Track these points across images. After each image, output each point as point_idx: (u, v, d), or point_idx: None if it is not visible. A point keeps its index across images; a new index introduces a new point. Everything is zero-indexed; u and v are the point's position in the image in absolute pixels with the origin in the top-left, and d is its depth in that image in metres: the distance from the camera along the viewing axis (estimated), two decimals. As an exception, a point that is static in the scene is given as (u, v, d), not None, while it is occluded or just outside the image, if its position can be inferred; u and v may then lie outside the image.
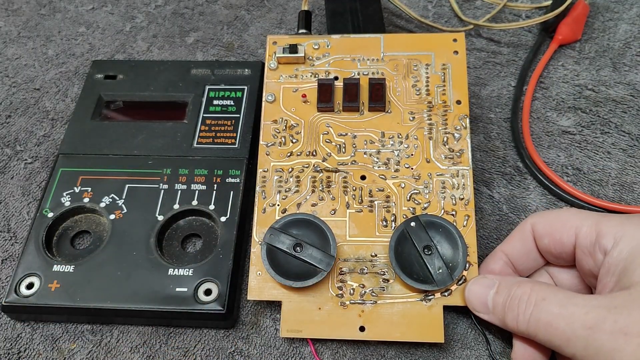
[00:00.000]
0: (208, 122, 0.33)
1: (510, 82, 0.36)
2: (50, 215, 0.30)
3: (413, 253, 0.26)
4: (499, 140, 0.34)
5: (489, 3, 0.40)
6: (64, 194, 0.31)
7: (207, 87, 0.35)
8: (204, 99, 0.34)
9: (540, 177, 0.32)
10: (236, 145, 0.32)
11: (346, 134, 0.29)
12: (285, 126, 0.30)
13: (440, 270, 0.25)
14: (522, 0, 0.40)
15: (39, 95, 0.37)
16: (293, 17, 0.40)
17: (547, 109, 0.35)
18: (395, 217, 0.27)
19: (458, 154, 0.28)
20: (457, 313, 0.27)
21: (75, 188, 0.31)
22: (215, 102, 0.34)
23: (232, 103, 0.34)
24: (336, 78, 0.31)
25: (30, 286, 0.28)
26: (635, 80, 0.35)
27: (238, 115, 0.34)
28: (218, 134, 0.33)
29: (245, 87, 0.35)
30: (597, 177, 0.32)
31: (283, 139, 0.30)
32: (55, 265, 0.29)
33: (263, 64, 0.36)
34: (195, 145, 0.33)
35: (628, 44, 0.37)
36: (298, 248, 0.26)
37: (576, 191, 0.31)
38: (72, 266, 0.29)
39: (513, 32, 0.39)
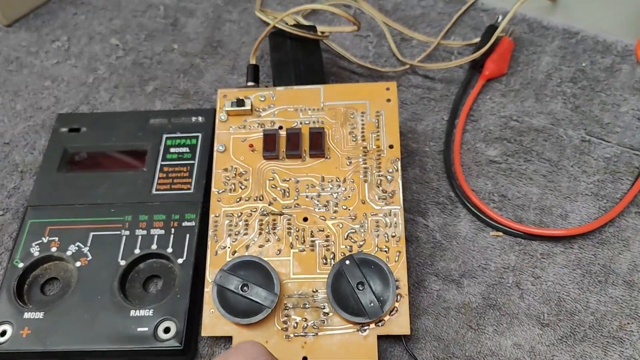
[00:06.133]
0: (165, 169, 0.36)
1: (444, 117, 0.40)
2: (21, 265, 0.33)
3: (348, 289, 0.29)
4: (433, 172, 0.37)
5: (424, 42, 0.43)
6: (33, 244, 0.34)
7: (165, 136, 0.38)
8: (162, 147, 0.37)
9: (469, 205, 0.35)
10: (191, 190, 0.35)
11: (290, 179, 0.32)
12: (235, 174, 0.33)
13: (372, 304, 0.28)
14: (455, 38, 0.44)
15: (8, 150, 0.40)
16: (245, 62, 0.43)
17: (476, 141, 0.38)
18: (334, 254, 0.30)
19: (390, 194, 0.31)
20: (393, 340, 0.30)
21: (44, 238, 0.34)
22: (172, 149, 0.37)
23: (187, 150, 0.37)
24: (280, 127, 0.34)
25: (3, 334, 0.31)
26: (556, 109, 0.39)
27: (193, 162, 0.36)
28: (175, 180, 0.36)
29: (200, 134, 0.38)
30: (520, 202, 0.35)
31: (233, 185, 0.33)
32: (26, 313, 0.31)
33: (215, 111, 0.39)
34: (154, 192, 0.35)
35: (549, 75, 0.41)
36: (245, 288, 0.29)
37: (501, 217, 0.34)
38: (42, 313, 0.31)
39: (446, 69, 0.42)
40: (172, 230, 0.34)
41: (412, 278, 0.32)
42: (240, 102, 0.34)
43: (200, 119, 0.38)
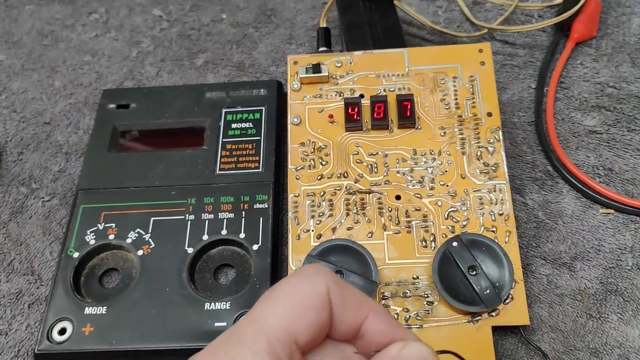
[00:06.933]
0: (228, 146, 0.33)
1: (530, 84, 0.36)
2: (76, 255, 0.29)
3: (457, 274, 0.25)
4: (526, 145, 0.33)
5: (499, 5, 0.39)
6: (88, 232, 0.30)
7: (224, 110, 0.34)
8: (222, 123, 0.34)
9: (573, 180, 0.31)
10: (260, 169, 0.32)
11: (377, 153, 0.29)
12: (314, 148, 0.29)
13: (488, 291, 0.24)
14: (533, 0, 0.40)
15: (49, 129, 0.36)
16: (302, 31, 0.39)
17: (570, 110, 0.34)
18: (435, 236, 0.27)
19: (493, 168, 0.28)
20: (504, 331, 0.27)
21: (99, 225, 0.30)
22: (234, 125, 0.33)
23: (251, 125, 0.33)
24: (362, 96, 0.30)
25: (62, 332, 0.27)
26: (656, 74, 0.35)
27: (259, 138, 0.33)
28: (240, 159, 0.32)
29: (263, 108, 0.34)
30: (629, 175, 0.31)
31: (312, 161, 0.29)
32: (86, 308, 0.28)
33: (278, 83, 0.35)
34: (218, 172, 0.32)
35: (644, 38, 0.37)
36: (339, 276, 0.25)
37: (611, 192, 0.30)
38: (104, 307, 0.28)
39: (527, 33, 0.38)
40: (243, 213, 0.30)
41: (520, 268, 0.29)
42: (316, 68, 0.30)
43: (262, 91, 0.35)
